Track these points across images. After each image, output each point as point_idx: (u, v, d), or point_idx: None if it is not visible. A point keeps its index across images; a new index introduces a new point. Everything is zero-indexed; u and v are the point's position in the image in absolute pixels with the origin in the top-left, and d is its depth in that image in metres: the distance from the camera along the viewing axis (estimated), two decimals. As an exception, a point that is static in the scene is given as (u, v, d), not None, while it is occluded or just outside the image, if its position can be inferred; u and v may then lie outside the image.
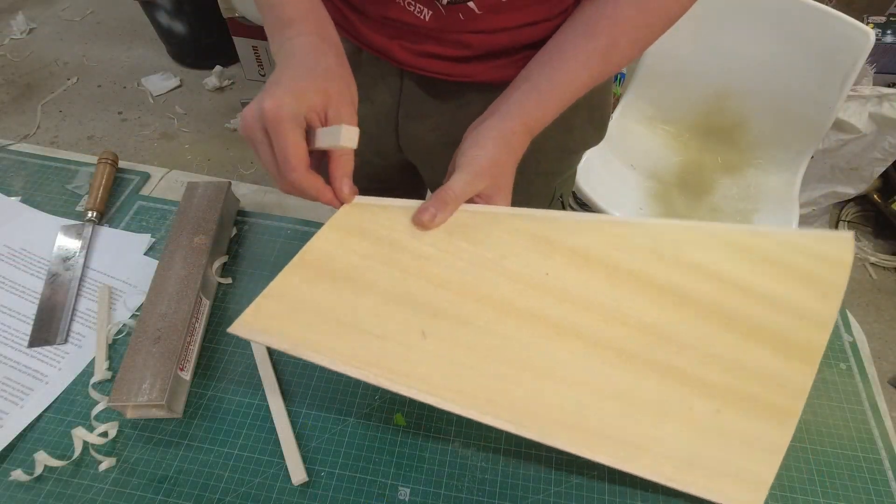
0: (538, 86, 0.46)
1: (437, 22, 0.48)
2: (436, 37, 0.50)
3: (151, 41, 2.14)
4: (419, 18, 0.49)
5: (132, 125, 1.92)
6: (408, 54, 0.52)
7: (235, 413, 0.49)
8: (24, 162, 0.66)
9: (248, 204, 0.64)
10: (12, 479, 0.44)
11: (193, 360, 0.51)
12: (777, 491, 0.46)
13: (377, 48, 0.53)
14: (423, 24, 0.49)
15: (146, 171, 0.67)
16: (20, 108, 1.95)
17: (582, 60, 0.46)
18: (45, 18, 2.29)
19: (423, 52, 0.52)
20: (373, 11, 0.50)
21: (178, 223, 0.56)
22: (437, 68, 0.53)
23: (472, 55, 0.51)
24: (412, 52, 0.52)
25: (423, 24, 0.49)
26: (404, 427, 0.48)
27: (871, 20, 1.41)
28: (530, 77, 0.47)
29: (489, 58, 0.52)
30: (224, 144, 1.89)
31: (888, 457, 0.48)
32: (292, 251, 0.59)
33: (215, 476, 0.45)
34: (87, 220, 0.60)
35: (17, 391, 0.49)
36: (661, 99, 1.21)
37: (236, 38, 1.92)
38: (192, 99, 2.02)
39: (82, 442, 0.46)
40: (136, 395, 0.45)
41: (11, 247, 0.59)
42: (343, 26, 0.53)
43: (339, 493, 0.45)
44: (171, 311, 0.50)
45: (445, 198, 0.42)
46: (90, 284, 0.56)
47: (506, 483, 0.46)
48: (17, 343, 0.52)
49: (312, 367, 0.51)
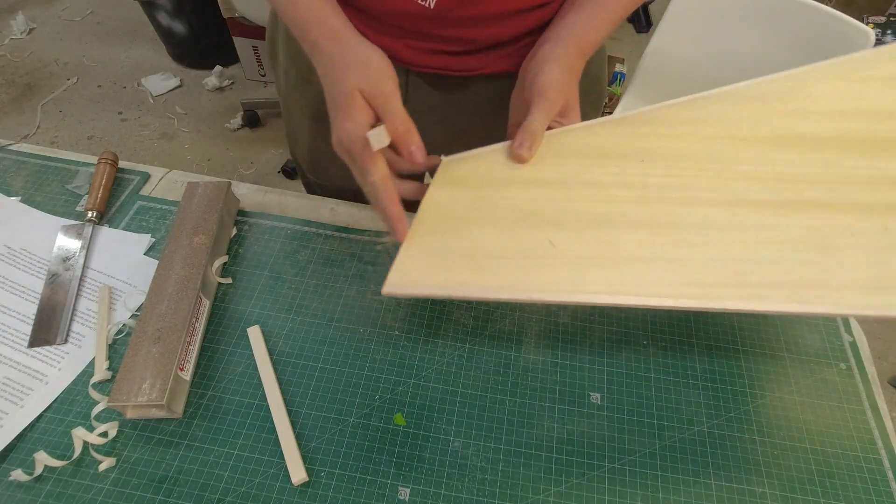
0: (585, 8, 0.49)
1: (440, 8, 0.49)
2: (439, 32, 0.51)
3: (151, 41, 2.15)
4: (423, 7, 0.49)
5: (132, 125, 1.92)
6: (414, 53, 0.53)
7: (235, 413, 0.49)
8: (24, 162, 0.66)
9: (248, 204, 0.64)
10: (12, 479, 0.44)
11: (193, 360, 0.51)
12: (777, 491, 0.46)
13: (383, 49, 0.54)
14: (427, 13, 0.49)
15: (146, 171, 0.67)
16: (20, 108, 1.95)
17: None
18: (45, 18, 2.29)
19: (429, 50, 0.52)
20: (376, 7, 0.51)
21: (178, 223, 0.56)
22: (442, 64, 0.54)
23: (476, 48, 0.52)
24: (418, 51, 0.53)
25: (426, 12, 0.49)
26: (404, 427, 0.48)
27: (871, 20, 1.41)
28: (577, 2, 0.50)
29: (493, 49, 0.53)
30: (224, 144, 1.89)
31: (888, 457, 0.48)
32: (292, 251, 0.60)
33: (215, 476, 0.45)
34: (87, 220, 0.60)
35: (17, 391, 0.49)
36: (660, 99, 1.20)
37: (236, 38, 1.92)
38: (192, 99, 2.02)
39: (82, 442, 0.46)
40: (136, 395, 0.45)
41: (11, 247, 0.59)
42: None
43: (339, 493, 0.45)
44: (171, 311, 0.50)
45: (533, 130, 0.45)
46: (90, 284, 0.56)
47: (506, 483, 0.46)
48: (17, 343, 0.52)
49: (312, 367, 0.52)
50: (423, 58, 0.53)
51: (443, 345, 0.53)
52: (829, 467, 0.48)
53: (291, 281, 0.57)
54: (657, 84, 1.20)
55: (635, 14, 2.41)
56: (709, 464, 0.47)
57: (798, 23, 1.02)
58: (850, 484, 0.47)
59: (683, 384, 0.52)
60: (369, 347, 0.53)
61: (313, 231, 0.62)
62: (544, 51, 0.48)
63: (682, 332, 0.55)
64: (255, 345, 0.52)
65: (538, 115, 0.45)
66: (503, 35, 0.52)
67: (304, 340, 0.53)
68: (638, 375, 0.52)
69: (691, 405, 0.50)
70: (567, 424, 0.49)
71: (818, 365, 0.54)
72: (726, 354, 0.54)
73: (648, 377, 0.52)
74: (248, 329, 0.53)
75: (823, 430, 0.50)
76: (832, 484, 0.47)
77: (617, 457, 0.47)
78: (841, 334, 0.56)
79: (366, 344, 0.53)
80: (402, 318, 0.55)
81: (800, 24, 1.02)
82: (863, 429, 0.50)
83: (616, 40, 2.32)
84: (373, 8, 0.51)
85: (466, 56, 0.54)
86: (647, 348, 0.54)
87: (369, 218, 0.63)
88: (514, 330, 0.54)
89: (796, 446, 0.49)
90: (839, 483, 0.47)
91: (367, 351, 0.53)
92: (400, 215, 0.44)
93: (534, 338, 0.54)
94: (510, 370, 0.52)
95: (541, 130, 0.45)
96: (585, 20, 0.49)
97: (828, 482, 0.47)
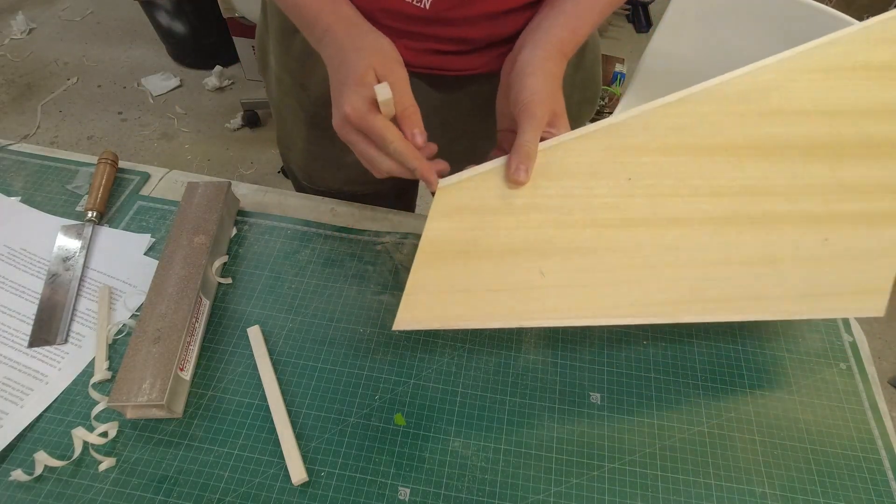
0: (565, 9, 0.49)
1: (436, 9, 0.49)
2: (435, 32, 0.51)
3: (151, 41, 2.14)
4: (418, 8, 0.49)
5: (132, 125, 1.92)
6: (411, 53, 0.53)
7: (235, 413, 0.49)
8: (24, 162, 0.66)
9: (248, 204, 0.64)
10: (12, 479, 0.44)
11: (193, 360, 0.51)
12: (777, 491, 0.46)
13: None
14: (423, 14, 0.49)
15: (146, 171, 0.67)
16: (20, 108, 1.95)
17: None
18: (45, 18, 2.29)
19: (426, 50, 0.53)
20: (372, 8, 0.51)
21: (178, 223, 0.56)
22: (439, 64, 0.54)
23: (472, 48, 0.52)
24: (415, 51, 0.53)
25: (422, 13, 0.49)
26: (404, 427, 0.48)
27: (871, 20, 1.41)
28: (555, 2, 0.49)
29: (488, 48, 0.53)
30: (224, 144, 1.89)
31: (888, 457, 0.48)
32: (292, 251, 0.60)
33: (215, 476, 0.45)
34: (87, 220, 0.60)
35: (17, 391, 0.49)
36: (660, 99, 1.21)
37: (236, 38, 1.92)
38: (192, 99, 2.02)
39: (82, 442, 0.46)
40: (136, 395, 0.45)
41: (11, 247, 0.59)
42: None
43: (339, 493, 0.45)
44: (171, 311, 0.50)
45: (527, 151, 0.45)
46: (90, 284, 0.56)
47: (506, 483, 0.46)
48: (17, 343, 0.52)
49: (312, 367, 0.52)
50: (421, 58, 0.54)
51: (443, 345, 0.53)
52: (829, 467, 0.48)
53: (291, 281, 0.57)
54: (657, 84, 1.20)
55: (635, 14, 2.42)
56: (709, 464, 0.47)
57: (798, 23, 1.02)
58: (850, 484, 0.47)
59: (683, 384, 0.52)
60: (369, 347, 0.53)
61: (313, 231, 0.62)
62: (524, 58, 0.47)
63: (682, 333, 0.55)
64: (255, 345, 0.52)
65: (529, 134, 0.44)
66: (498, 34, 0.52)
67: (304, 340, 0.53)
68: (638, 375, 0.52)
69: (691, 405, 0.50)
70: (567, 424, 0.49)
71: (818, 365, 0.54)
72: (726, 354, 0.54)
73: (648, 377, 0.52)
74: (248, 329, 0.53)
75: (823, 430, 0.50)
76: (832, 484, 0.47)
77: (617, 457, 0.47)
78: (841, 334, 0.56)
79: (366, 344, 0.53)
80: (402, 318, 0.55)
81: (800, 24, 1.02)
82: (863, 429, 0.50)
83: (616, 40, 2.32)
84: (369, 9, 0.51)
85: (463, 56, 0.54)
86: (647, 348, 0.54)
87: (369, 218, 0.63)
88: (514, 330, 0.54)
89: (796, 446, 0.49)
90: (839, 483, 0.47)
91: (367, 351, 0.53)
92: (430, 167, 0.44)
93: (534, 338, 0.54)
94: (510, 370, 0.52)
95: (534, 150, 0.45)
96: (564, 21, 0.48)
97: (828, 482, 0.47)
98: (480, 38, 0.53)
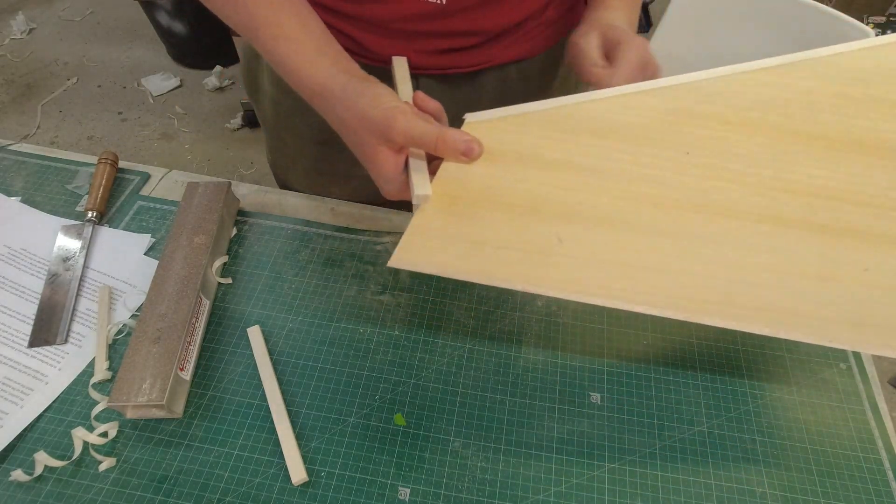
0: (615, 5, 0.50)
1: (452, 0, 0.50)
2: (448, 27, 0.51)
3: (151, 41, 2.15)
4: (435, 5, 0.50)
5: (132, 125, 1.92)
6: (421, 57, 0.53)
7: (235, 413, 0.49)
8: (24, 162, 0.66)
9: (248, 204, 0.64)
10: (12, 479, 0.44)
11: (193, 360, 0.51)
12: (777, 491, 0.46)
13: None
14: (439, 9, 0.50)
15: (146, 171, 0.67)
16: (20, 108, 1.95)
17: None
18: (45, 18, 2.29)
19: (436, 50, 0.53)
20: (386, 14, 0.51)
21: (178, 223, 0.56)
22: (450, 63, 0.54)
23: (483, 40, 0.53)
24: (426, 53, 0.53)
25: (438, 9, 0.50)
26: (404, 427, 0.48)
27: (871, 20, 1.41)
28: None
29: (498, 39, 0.54)
30: (224, 144, 1.89)
31: (888, 457, 0.48)
32: (292, 251, 0.60)
33: (215, 476, 0.45)
34: (87, 220, 0.60)
35: (17, 391, 0.49)
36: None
37: (236, 39, 1.92)
38: (192, 99, 2.02)
39: (82, 442, 0.46)
40: (136, 395, 0.45)
41: (11, 247, 0.59)
42: (354, 51, 0.53)
43: (339, 493, 0.45)
44: (171, 311, 0.50)
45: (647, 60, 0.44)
46: (90, 284, 0.56)
47: (506, 483, 0.46)
48: (17, 343, 0.52)
49: (312, 367, 0.52)
50: (431, 59, 0.54)
51: (443, 345, 0.53)
52: (829, 467, 0.48)
53: (291, 281, 0.57)
54: (657, 84, 1.20)
55: (635, 14, 2.42)
56: (709, 464, 0.47)
57: (798, 23, 1.02)
58: (850, 484, 0.47)
59: (683, 384, 0.52)
60: (369, 347, 0.53)
61: (313, 231, 0.62)
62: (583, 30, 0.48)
63: (682, 332, 0.55)
64: (255, 345, 0.52)
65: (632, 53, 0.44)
66: (508, 20, 0.53)
67: (304, 340, 0.53)
68: (638, 375, 0.52)
69: (691, 405, 0.50)
70: (567, 424, 0.49)
71: (818, 365, 0.54)
72: (726, 355, 0.54)
73: (648, 377, 0.52)
74: (248, 329, 0.53)
75: (823, 430, 0.50)
76: (832, 484, 0.47)
77: (617, 457, 0.47)
78: (841, 334, 0.56)
79: (366, 344, 0.53)
80: (402, 318, 0.55)
81: (800, 24, 1.02)
82: (863, 429, 0.50)
83: (616, 40, 2.32)
84: (382, 16, 0.51)
85: (473, 50, 0.55)
86: (647, 348, 0.54)
87: (369, 218, 0.64)
88: (514, 330, 0.54)
89: (796, 446, 0.49)
90: (839, 483, 0.47)
91: (367, 351, 0.53)
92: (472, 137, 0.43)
93: (534, 338, 0.54)
94: (510, 370, 0.52)
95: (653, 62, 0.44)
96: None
97: (828, 482, 0.47)
98: (491, 28, 0.53)
